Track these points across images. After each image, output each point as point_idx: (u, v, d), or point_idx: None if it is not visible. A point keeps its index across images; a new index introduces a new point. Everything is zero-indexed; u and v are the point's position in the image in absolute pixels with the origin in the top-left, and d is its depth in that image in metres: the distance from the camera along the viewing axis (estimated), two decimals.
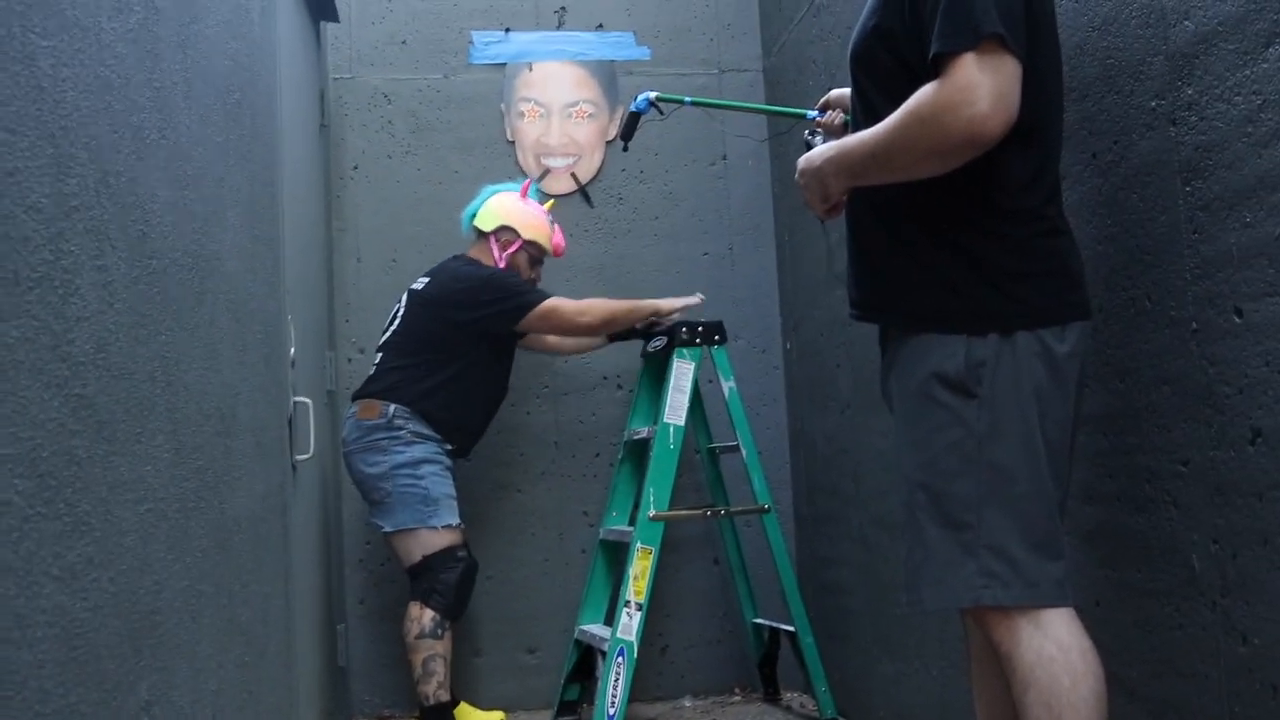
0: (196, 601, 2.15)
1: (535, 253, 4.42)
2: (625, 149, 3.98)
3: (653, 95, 3.58)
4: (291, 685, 3.11)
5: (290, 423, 3.27)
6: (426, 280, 4.30)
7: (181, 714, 2.02)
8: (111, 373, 1.72)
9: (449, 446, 4.17)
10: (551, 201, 4.68)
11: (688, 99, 3.65)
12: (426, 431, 4.07)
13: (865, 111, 2.22)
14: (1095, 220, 2.38)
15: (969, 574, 2.04)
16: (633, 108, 3.58)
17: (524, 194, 4.46)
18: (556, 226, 4.53)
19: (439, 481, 4.05)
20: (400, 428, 4.06)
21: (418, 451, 4.02)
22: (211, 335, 2.34)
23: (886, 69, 2.15)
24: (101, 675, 1.63)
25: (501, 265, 4.33)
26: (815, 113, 2.94)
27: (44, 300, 1.47)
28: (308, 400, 3.50)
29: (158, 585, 1.92)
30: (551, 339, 4.57)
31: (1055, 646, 2.00)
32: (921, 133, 1.95)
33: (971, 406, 2.05)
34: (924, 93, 1.94)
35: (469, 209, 4.45)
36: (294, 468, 3.34)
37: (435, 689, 3.96)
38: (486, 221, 4.38)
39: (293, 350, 3.41)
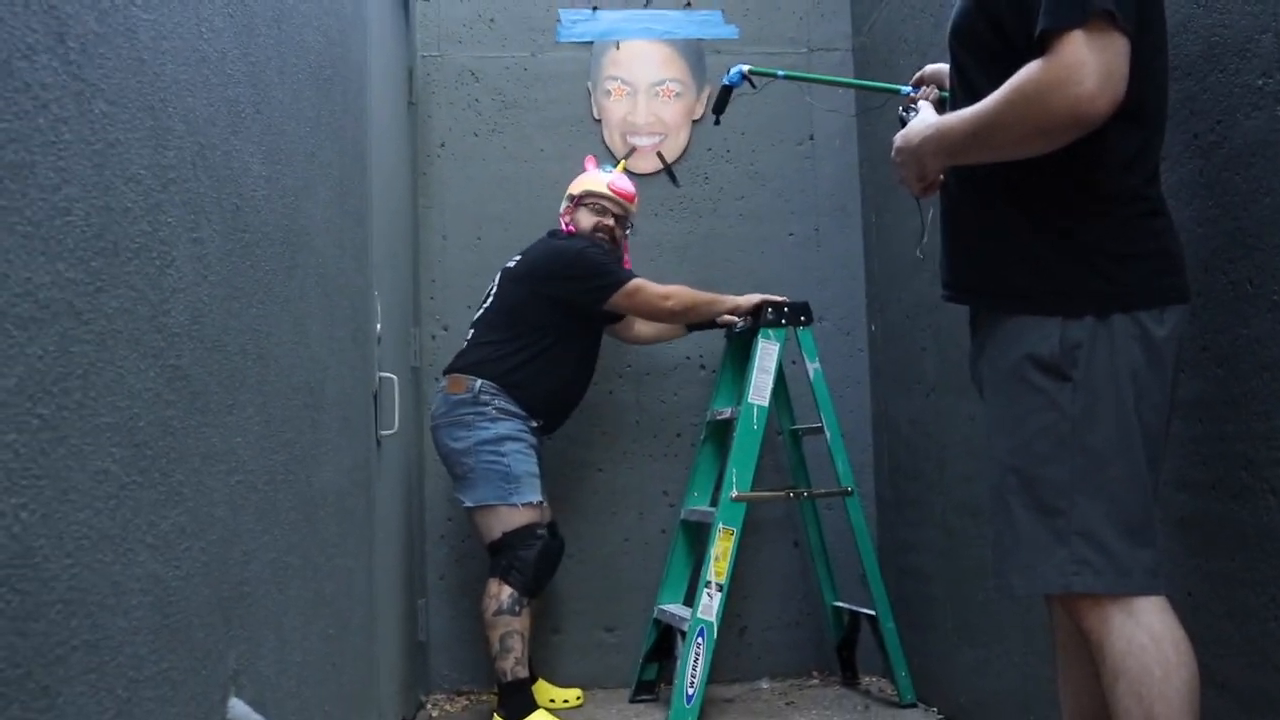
0: (284, 573, 2.18)
1: (594, 204, 4.37)
2: (717, 122, 3.95)
3: (745, 68, 3.55)
4: (373, 659, 3.14)
5: (375, 398, 3.30)
6: (519, 258, 4.32)
7: (267, 684, 2.05)
8: (205, 345, 1.74)
9: (534, 424, 4.16)
10: (621, 163, 4.70)
11: (780, 72, 3.62)
12: (512, 408, 4.08)
13: (965, 89, 2.18)
14: (1195, 202, 2.33)
15: (1060, 560, 2.01)
16: (725, 81, 3.56)
17: (587, 167, 4.52)
18: (615, 171, 4.53)
19: (521, 459, 4.06)
20: (486, 404, 4.07)
21: (502, 428, 4.03)
22: (301, 310, 2.36)
23: (988, 46, 2.10)
24: (192, 643, 1.66)
25: (568, 229, 4.37)
26: (910, 88, 2.89)
27: (142, 271, 1.48)
28: (393, 376, 3.53)
29: (246, 556, 1.94)
30: (636, 327, 4.58)
31: (1147, 635, 1.96)
32: (1026, 111, 1.90)
33: (1066, 389, 2.01)
34: (1029, 70, 1.89)
35: None
36: (378, 443, 3.37)
37: (513, 665, 3.96)
38: (567, 196, 4.46)
39: (379, 326, 3.44)
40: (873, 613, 4.34)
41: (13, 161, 1.16)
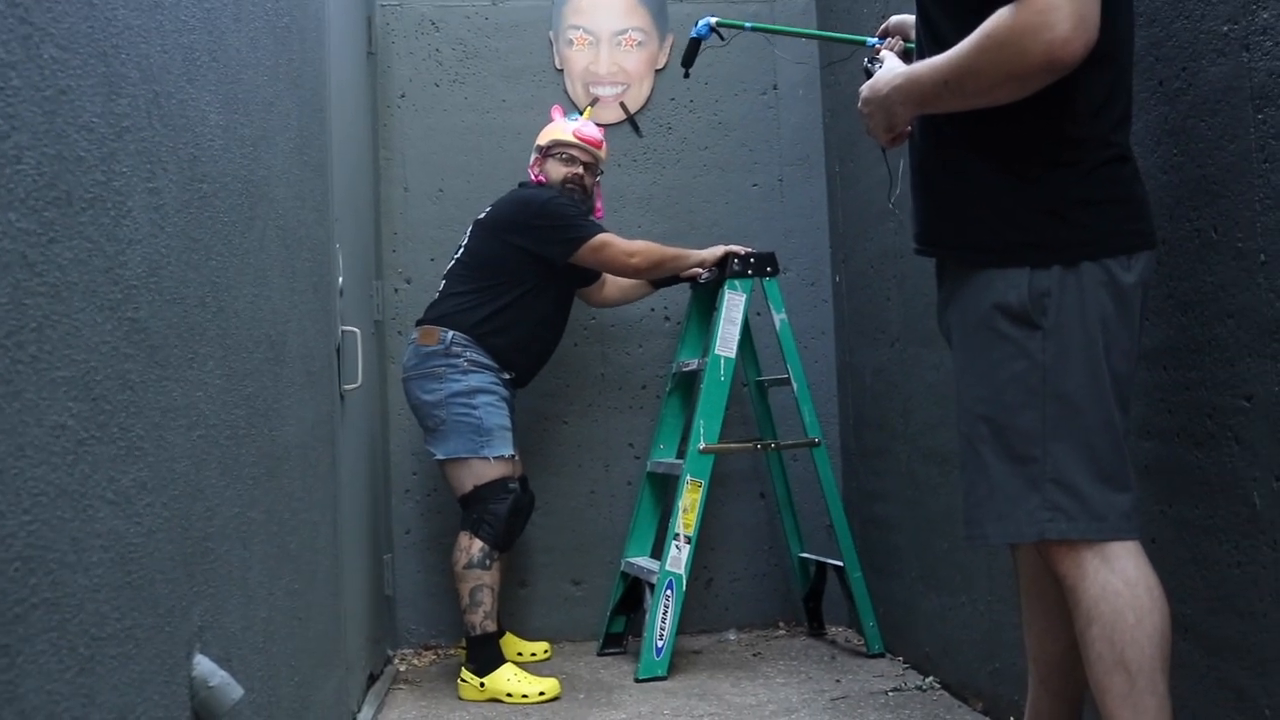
0: (247, 528, 2.16)
1: (562, 153, 4.34)
2: (686, 75, 3.91)
3: (713, 20, 3.52)
4: (339, 614, 3.13)
5: (338, 352, 3.27)
6: (490, 208, 4.30)
7: (233, 640, 2.04)
8: (164, 297, 1.71)
9: (506, 376, 4.15)
10: (587, 110, 4.66)
11: (748, 24, 3.59)
12: (484, 360, 4.06)
13: (931, 39, 2.16)
14: (1160, 149, 2.32)
15: (1033, 507, 2.02)
16: (694, 33, 3.52)
17: (554, 117, 4.49)
18: (580, 118, 4.49)
19: (493, 412, 4.04)
20: (458, 355, 4.05)
21: (474, 380, 4.01)
22: (261, 261, 2.33)
23: None
24: (155, 600, 1.64)
25: (536, 179, 4.35)
26: (876, 40, 2.87)
27: (97, 221, 1.45)
28: (356, 330, 3.50)
29: (209, 511, 1.92)
30: (605, 290, 4.58)
31: (1121, 581, 1.97)
32: (999, 57, 1.89)
33: (1036, 337, 2.01)
34: (1001, 16, 1.87)
35: None
36: (342, 397, 3.34)
37: (482, 619, 3.96)
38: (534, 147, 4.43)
39: (341, 279, 3.40)
40: (839, 563, 4.35)
41: None
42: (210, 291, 1.96)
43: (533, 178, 4.36)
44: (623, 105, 4.92)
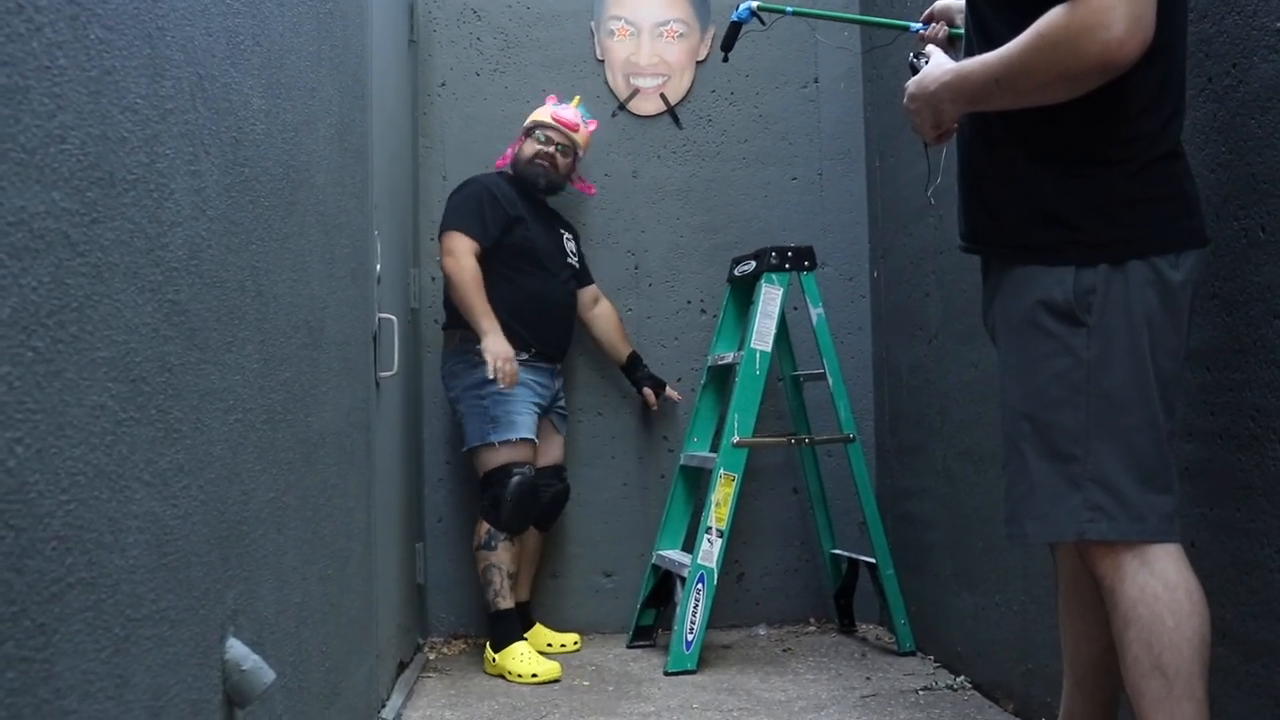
0: (282, 513, 2.16)
1: (540, 133, 4.42)
2: (725, 59, 3.88)
3: (754, 4, 3.49)
4: (371, 600, 3.13)
5: (375, 339, 3.28)
6: None
7: (266, 624, 2.04)
8: (204, 280, 1.71)
9: (528, 354, 4.24)
10: (576, 99, 4.64)
11: (789, 9, 3.56)
12: None
13: (982, 36, 2.13)
14: (1209, 147, 2.29)
15: (1074, 507, 2.00)
16: (734, 16, 3.49)
17: (548, 104, 4.56)
18: (569, 105, 4.55)
19: (500, 400, 4.12)
20: (469, 350, 4.16)
21: (485, 370, 4.07)
22: (301, 247, 2.33)
23: None
24: (190, 582, 1.64)
25: (501, 162, 4.54)
26: (920, 25, 2.84)
27: (139, 203, 1.45)
28: (392, 317, 3.50)
29: (245, 495, 1.92)
30: (587, 311, 4.63)
31: (1161, 584, 1.95)
32: (1053, 57, 1.87)
33: (1080, 335, 1.99)
34: (1055, 15, 1.85)
35: None
36: (377, 384, 3.35)
37: (493, 597, 4.14)
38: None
39: (379, 266, 3.41)
40: (872, 560, 4.33)
41: (5, 85, 1.12)
42: (250, 276, 1.96)
43: (499, 162, 4.56)
44: (663, 96, 4.91)
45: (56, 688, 1.21)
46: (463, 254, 4.17)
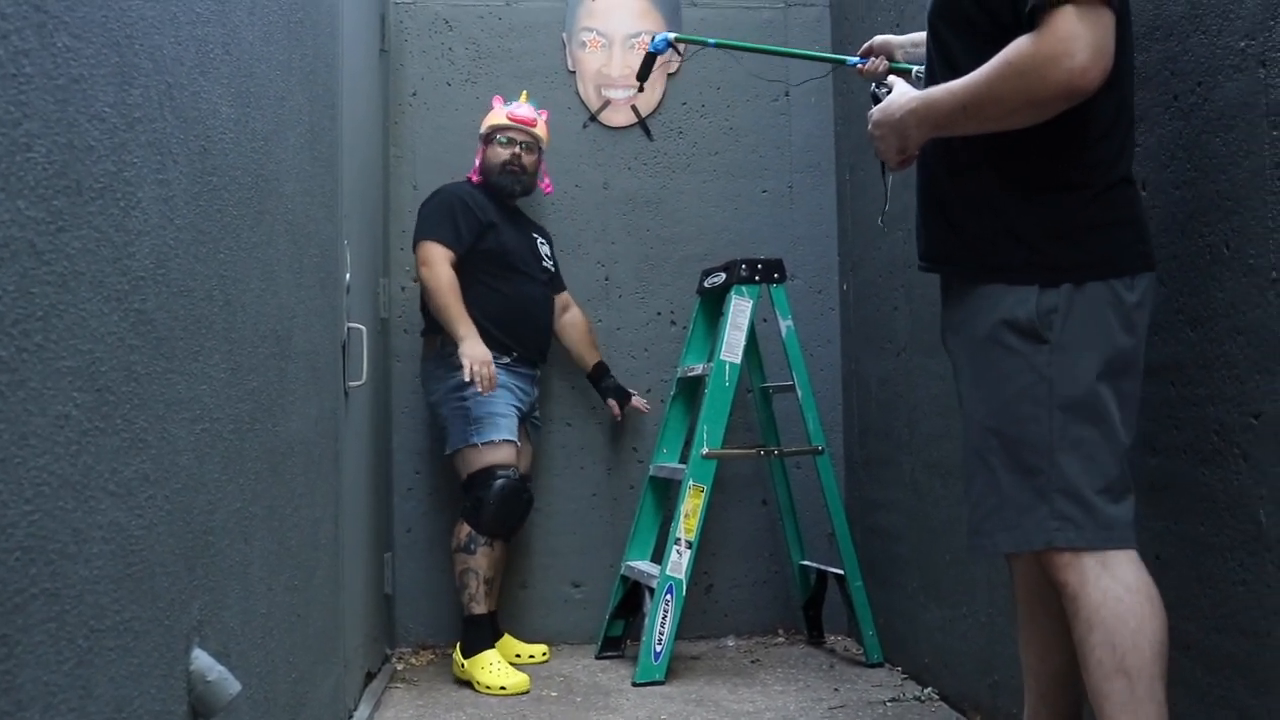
0: (249, 523, 2.16)
1: (500, 136, 4.42)
2: (640, 89, 3.87)
3: (672, 36, 3.46)
4: (338, 611, 3.12)
5: (344, 349, 3.27)
6: None
7: (231, 635, 2.03)
8: (171, 289, 1.71)
9: (508, 358, 4.25)
10: (523, 94, 4.63)
11: (711, 40, 3.55)
12: None
13: (945, 65, 2.21)
14: (1174, 165, 2.31)
15: (1042, 517, 2.06)
16: (650, 48, 3.45)
17: (494, 106, 4.56)
18: (517, 101, 4.56)
19: (482, 401, 4.12)
20: (450, 354, 4.15)
21: (464, 375, 4.07)
22: (269, 256, 2.33)
23: (971, 20, 2.13)
24: (155, 593, 1.63)
25: (473, 175, 4.50)
26: (856, 59, 2.89)
27: (105, 212, 1.45)
28: (361, 327, 3.49)
29: (211, 505, 1.91)
30: (559, 316, 4.63)
31: (1122, 587, 2.01)
32: (1020, 84, 1.95)
33: (1043, 352, 2.06)
34: (1022, 44, 1.94)
35: None
36: (346, 394, 3.34)
37: (467, 601, 4.13)
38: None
39: (348, 276, 3.40)
40: (840, 572, 4.34)
41: None
42: (218, 285, 1.96)
43: (470, 175, 4.51)
44: (634, 108, 4.92)
45: (18, 699, 1.21)
46: (438, 262, 4.17)
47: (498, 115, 4.45)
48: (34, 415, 1.25)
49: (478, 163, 4.48)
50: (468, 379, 4.04)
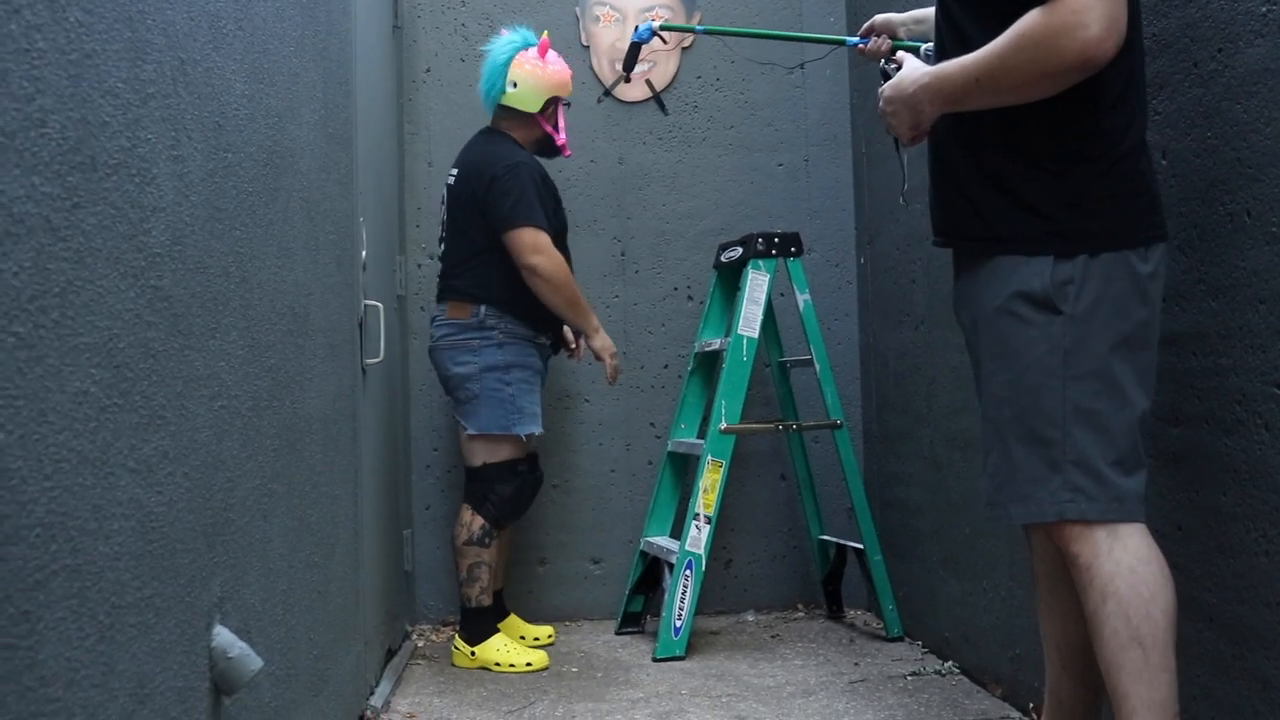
0: (268, 500, 2.16)
1: (564, 100, 4.27)
2: (627, 80, 3.83)
3: (656, 24, 3.43)
4: (358, 588, 3.13)
5: (361, 326, 3.27)
6: (456, 173, 4.17)
7: (252, 612, 2.03)
8: (187, 265, 1.71)
9: (544, 340, 4.13)
10: (545, 33, 4.32)
11: (699, 27, 3.53)
12: (518, 329, 4.03)
13: (955, 39, 2.20)
14: (1194, 132, 2.29)
15: (1055, 489, 2.07)
16: (634, 38, 3.41)
17: (544, 54, 4.22)
18: (557, 56, 4.29)
19: (526, 389, 4.03)
20: (492, 328, 4.00)
21: (510, 354, 3.99)
22: (285, 233, 2.32)
23: None
24: (176, 570, 1.63)
25: (562, 140, 4.24)
26: (857, 39, 2.87)
27: (121, 188, 1.44)
28: (378, 304, 3.49)
29: (230, 482, 1.91)
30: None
31: (1135, 558, 2.02)
32: (1034, 56, 1.94)
33: (1058, 323, 2.06)
34: (1035, 16, 1.93)
35: (494, 79, 4.22)
36: (364, 371, 3.34)
37: (478, 594, 4.02)
38: (533, 101, 4.19)
39: (364, 253, 3.39)
40: (860, 546, 4.34)
41: None
42: (234, 262, 1.96)
43: (550, 132, 4.22)
44: (649, 83, 4.89)
45: (41, 675, 1.21)
46: (549, 248, 3.97)
47: (562, 75, 4.22)
48: (52, 391, 1.24)
49: (548, 129, 4.22)
50: (610, 377, 4.13)
